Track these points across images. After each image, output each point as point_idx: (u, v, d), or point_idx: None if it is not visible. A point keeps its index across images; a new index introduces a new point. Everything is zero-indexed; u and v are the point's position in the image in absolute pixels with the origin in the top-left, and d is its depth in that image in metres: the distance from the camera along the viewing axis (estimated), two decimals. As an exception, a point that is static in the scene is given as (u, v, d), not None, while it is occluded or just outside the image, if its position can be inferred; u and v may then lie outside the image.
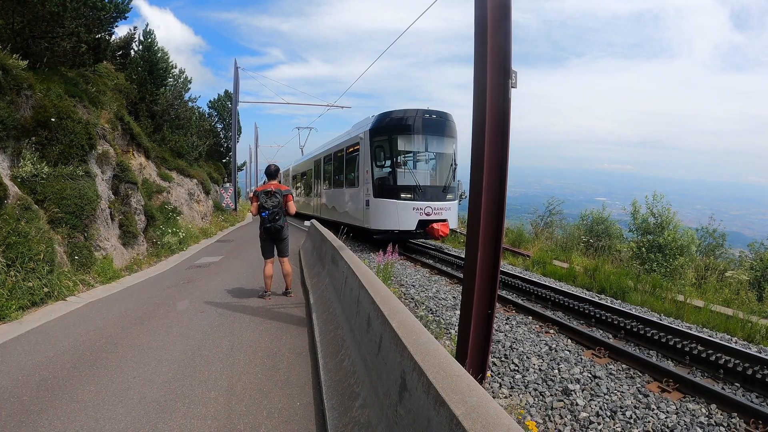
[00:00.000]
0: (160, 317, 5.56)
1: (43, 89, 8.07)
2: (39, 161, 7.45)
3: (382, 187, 11.93)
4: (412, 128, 11.94)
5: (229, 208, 24.66)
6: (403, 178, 11.85)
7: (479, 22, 3.41)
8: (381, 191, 11.90)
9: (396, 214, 11.55)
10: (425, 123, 12.00)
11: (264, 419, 3.06)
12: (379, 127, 12.26)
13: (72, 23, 8.73)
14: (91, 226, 8.01)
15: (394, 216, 11.58)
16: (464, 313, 3.55)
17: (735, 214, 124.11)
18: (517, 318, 6.57)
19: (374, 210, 12.00)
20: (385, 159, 12.37)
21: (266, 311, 5.86)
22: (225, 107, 30.60)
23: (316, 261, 7.68)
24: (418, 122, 11.95)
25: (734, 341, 5.86)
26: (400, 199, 11.58)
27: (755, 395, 4.29)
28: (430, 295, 7.64)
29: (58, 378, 3.70)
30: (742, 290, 8.94)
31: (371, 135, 12.31)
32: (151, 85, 16.23)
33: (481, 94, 3.41)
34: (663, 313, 7.38)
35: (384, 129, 12.14)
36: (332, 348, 3.79)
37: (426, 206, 11.58)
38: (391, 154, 12.22)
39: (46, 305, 6.04)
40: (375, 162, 12.26)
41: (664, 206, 11.83)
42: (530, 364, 4.83)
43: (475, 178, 3.45)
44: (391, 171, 12.06)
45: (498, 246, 3.46)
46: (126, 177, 10.10)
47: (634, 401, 4.04)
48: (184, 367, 3.94)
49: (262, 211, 6.16)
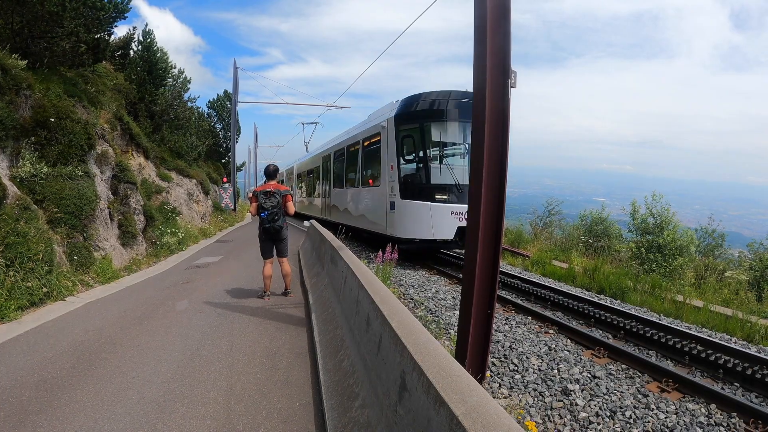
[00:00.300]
0: (159, 317, 5.55)
1: (42, 89, 8.06)
2: (38, 161, 7.44)
3: (411, 187, 9.93)
4: (448, 114, 9.92)
5: (228, 209, 24.65)
6: (439, 176, 9.86)
7: (479, 22, 3.41)
8: (410, 191, 9.88)
9: (429, 219, 9.60)
10: (464, 107, 9.78)
11: (263, 419, 3.06)
12: (407, 112, 10.13)
13: (71, 23, 8.72)
14: (90, 226, 8.00)
15: (427, 222, 9.62)
16: (464, 313, 3.54)
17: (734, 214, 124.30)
18: (516, 318, 6.57)
19: (401, 214, 9.96)
20: (415, 152, 10.37)
21: (265, 311, 5.86)
22: (224, 107, 30.61)
23: (315, 261, 7.68)
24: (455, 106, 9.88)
25: (733, 341, 5.86)
26: (435, 201, 9.66)
27: (755, 395, 4.29)
28: (429, 296, 7.64)
29: (57, 378, 3.69)
30: (741, 290, 8.95)
31: (397, 122, 10.20)
32: (150, 85, 16.22)
33: (480, 94, 3.41)
34: (662, 313, 7.38)
35: (414, 115, 10.02)
36: (331, 348, 3.79)
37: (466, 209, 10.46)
38: (423, 146, 10.15)
39: (45, 305, 6.02)
40: (402, 155, 10.25)
41: (663, 206, 11.84)
42: (530, 364, 4.83)
43: (474, 178, 3.45)
44: (424, 166, 10.03)
45: (497, 246, 3.46)
46: (125, 177, 10.09)
47: (634, 401, 4.04)
48: (183, 368, 3.93)
49: (261, 212, 6.16)
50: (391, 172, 10.28)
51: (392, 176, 10.23)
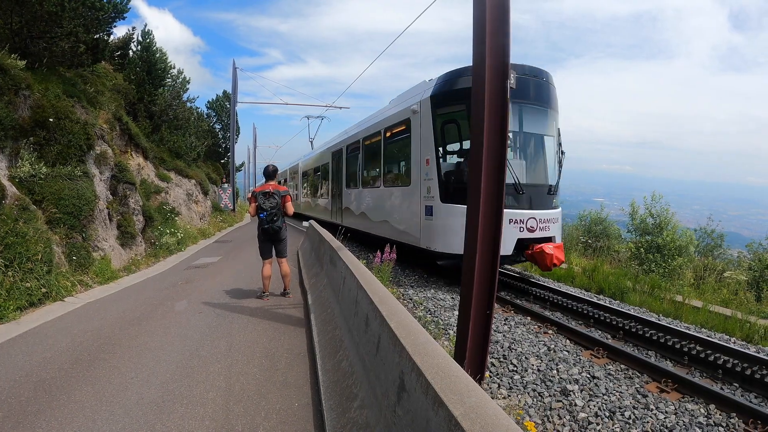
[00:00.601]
0: (158, 318, 5.54)
1: (41, 89, 8.05)
2: (37, 161, 7.44)
3: (455, 186, 7.90)
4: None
5: (228, 209, 24.65)
6: None
7: (478, 22, 3.41)
8: (454, 192, 7.85)
9: None
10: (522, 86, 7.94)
11: (262, 420, 3.05)
12: (449, 91, 8.01)
13: (70, 23, 8.72)
14: (89, 227, 8.00)
15: None
16: (463, 314, 3.54)
17: (733, 214, 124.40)
18: (515, 318, 6.57)
19: (441, 222, 7.96)
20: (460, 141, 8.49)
21: (264, 312, 5.85)
22: (223, 108, 30.62)
23: (314, 262, 7.68)
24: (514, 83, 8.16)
25: (733, 341, 5.86)
26: None
27: (754, 395, 4.30)
28: (428, 296, 7.64)
29: (56, 379, 3.68)
30: (740, 290, 8.96)
31: (435, 104, 8.14)
32: (149, 85, 16.22)
33: (479, 94, 3.41)
34: (661, 313, 7.38)
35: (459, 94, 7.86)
36: (330, 348, 3.78)
37: (529, 216, 7.80)
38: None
39: (44, 306, 6.02)
40: (443, 146, 8.36)
41: (662, 207, 11.86)
42: (529, 364, 4.82)
43: (473, 178, 3.45)
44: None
45: (496, 246, 3.46)
46: (124, 177, 10.08)
47: (633, 401, 4.04)
48: (182, 368, 3.92)
49: (260, 212, 6.15)
50: (427, 168, 8.28)
51: (429, 173, 8.24)
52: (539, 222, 7.84)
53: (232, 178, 27.02)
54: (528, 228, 7.75)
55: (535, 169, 8.41)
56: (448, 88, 8.07)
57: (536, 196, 8.00)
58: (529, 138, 8.45)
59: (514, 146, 8.32)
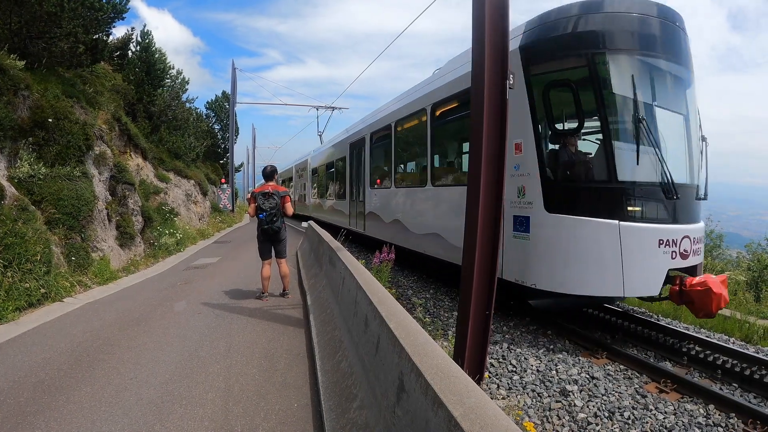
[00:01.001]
0: (157, 318, 5.54)
1: (40, 90, 8.05)
2: (36, 162, 7.43)
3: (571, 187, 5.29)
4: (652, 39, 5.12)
5: (227, 209, 24.63)
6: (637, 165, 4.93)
7: (477, 23, 3.41)
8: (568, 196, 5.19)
9: (615, 255, 4.85)
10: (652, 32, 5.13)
11: (261, 421, 3.05)
12: (554, 38, 5.20)
13: (70, 24, 8.72)
14: (88, 227, 7.99)
15: (609, 260, 4.88)
16: (462, 314, 3.54)
17: (733, 215, 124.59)
18: (515, 318, 6.56)
19: (544, 242, 5.21)
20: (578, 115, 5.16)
21: (263, 312, 5.85)
22: (222, 108, 30.64)
23: (313, 262, 7.67)
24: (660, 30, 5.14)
25: (732, 342, 5.86)
26: (629, 219, 4.91)
27: (753, 395, 4.30)
28: (427, 296, 7.64)
29: (55, 379, 3.68)
30: (739, 291, 8.96)
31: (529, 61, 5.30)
32: (148, 85, 16.22)
33: (479, 95, 3.41)
34: (660, 313, 7.38)
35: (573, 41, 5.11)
36: (330, 349, 3.78)
37: (683, 234, 5.13)
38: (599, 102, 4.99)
39: (43, 306, 6.01)
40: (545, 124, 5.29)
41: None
42: (528, 365, 4.82)
43: (473, 178, 3.45)
44: (604, 143, 5.01)
45: (496, 246, 3.46)
46: (123, 178, 10.08)
47: (632, 402, 4.04)
48: (181, 369, 3.92)
49: (260, 213, 6.16)
50: (518, 157, 5.44)
51: (521, 164, 5.42)
52: (693, 243, 5.20)
53: (231, 178, 27.01)
54: (681, 252, 5.06)
55: (682, 163, 5.53)
56: (553, 33, 5.19)
57: (687, 203, 5.34)
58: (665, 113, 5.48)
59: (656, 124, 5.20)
